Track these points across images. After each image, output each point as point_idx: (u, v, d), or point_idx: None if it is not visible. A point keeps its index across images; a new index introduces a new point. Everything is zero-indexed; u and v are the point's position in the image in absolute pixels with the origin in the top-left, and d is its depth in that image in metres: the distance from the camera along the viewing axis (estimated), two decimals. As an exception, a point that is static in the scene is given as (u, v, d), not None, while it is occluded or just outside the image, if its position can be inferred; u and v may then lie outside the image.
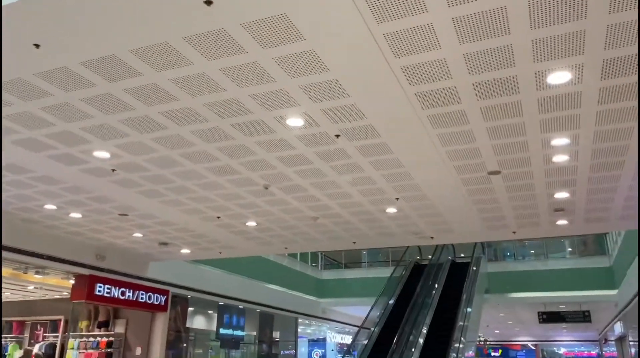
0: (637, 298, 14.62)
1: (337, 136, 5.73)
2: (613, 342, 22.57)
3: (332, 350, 25.91)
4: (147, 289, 12.72)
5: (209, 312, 18.00)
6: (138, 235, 10.21)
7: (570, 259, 20.03)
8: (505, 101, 4.90)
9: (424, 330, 14.70)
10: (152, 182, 7.25)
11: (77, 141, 5.91)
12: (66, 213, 8.73)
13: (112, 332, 13.26)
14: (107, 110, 5.21)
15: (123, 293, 11.90)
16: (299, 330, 23.50)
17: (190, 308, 18.33)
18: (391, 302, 17.42)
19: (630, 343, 17.43)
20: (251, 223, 9.39)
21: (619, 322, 18.92)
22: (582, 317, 19.12)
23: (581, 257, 19.95)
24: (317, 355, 28.22)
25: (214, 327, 16.73)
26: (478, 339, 27.26)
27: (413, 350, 13.91)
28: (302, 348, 28.78)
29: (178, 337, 14.41)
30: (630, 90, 4.67)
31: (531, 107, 4.99)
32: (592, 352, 34.53)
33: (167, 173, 6.90)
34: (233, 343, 19.09)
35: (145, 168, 6.73)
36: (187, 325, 15.44)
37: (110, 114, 5.27)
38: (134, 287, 12.30)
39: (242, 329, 17.81)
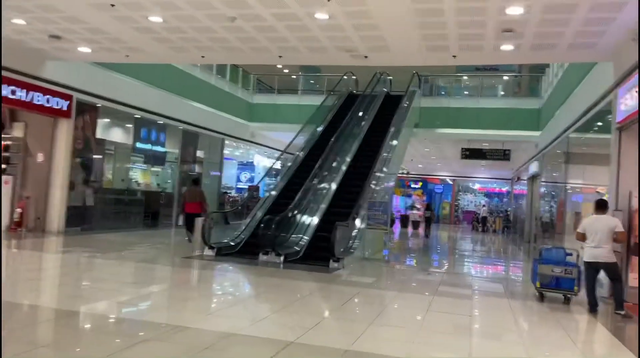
0: (556, 140, 14.92)
1: None
2: (525, 181, 24.02)
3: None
4: (44, 91, 11.27)
5: (126, 124, 16.89)
6: (20, 22, 8.48)
7: (502, 99, 20.02)
8: None
9: (348, 159, 14.52)
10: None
11: None
12: None
13: (9, 136, 12.03)
14: None
15: (14, 92, 10.43)
16: (226, 152, 23.17)
17: (106, 120, 17.10)
18: (320, 129, 16.95)
19: (542, 183, 18.38)
20: (156, 19, 7.90)
21: (535, 162, 19.76)
22: (502, 155, 19.78)
23: (513, 98, 19.93)
24: (245, 177, 28.56)
25: (131, 141, 15.80)
26: (400, 171, 28.29)
27: (335, 175, 13.80)
28: (232, 171, 28.90)
29: (87, 147, 13.40)
30: None
31: None
32: (502, 189, 37.34)
33: None
34: (157, 159, 18.45)
35: None
36: (99, 135, 14.38)
37: None
38: (28, 87, 10.80)
39: (163, 145, 17.02)
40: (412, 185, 37.89)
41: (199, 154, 19.61)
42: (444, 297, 7.58)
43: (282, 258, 10.00)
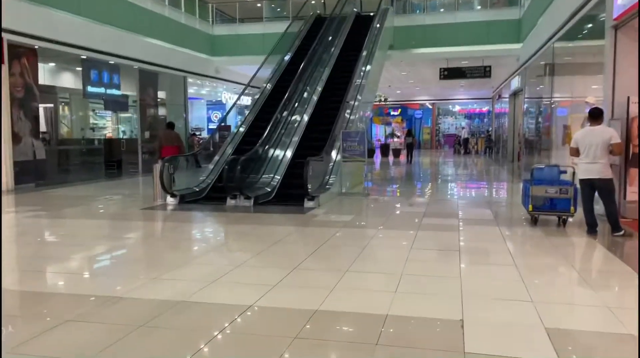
0: (539, 51, 13.93)
1: None
2: (507, 98, 23.16)
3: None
4: (-37, 34, 9.83)
5: (74, 68, 15.43)
6: None
7: (479, 12, 18.70)
8: None
9: (319, 88, 13.41)
10: None
11: None
12: None
13: None
14: None
15: None
16: (191, 91, 21.76)
17: (51, 64, 15.63)
18: (287, 58, 15.67)
19: (525, 99, 17.52)
20: None
21: (517, 77, 18.82)
22: (482, 72, 18.75)
23: (491, 9, 18.64)
24: (215, 116, 27.24)
25: (80, 85, 14.41)
26: (377, 99, 27.17)
27: (306, 107, 12.75)
28: (201, 111, 27.52)
29: (29, 95, 12.06)
30: None
31: None
32: (483, 109, 36.55)
33: None
34: (119, 104, 17.13)
35: None
36: (44, 82, 13.02)
37: None
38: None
39: (118, 88, 15.63)
40: (392, 113, 36.90)
41: (161, 95, 18.26)
42: (429, 230, 6.86)
43: (251, 201, 9.15)
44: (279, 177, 10.26)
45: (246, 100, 23.67)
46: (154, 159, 16.07)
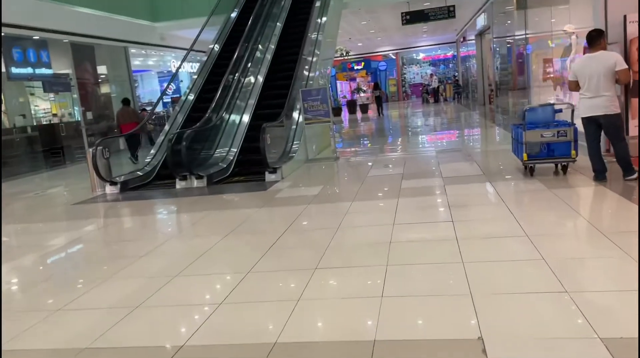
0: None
1: None
2: (473, 40, 22.05)
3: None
4: None
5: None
6: None
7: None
8: None
9: (272, 46, 12.04)
10: None
11: None
12: None
13: None
14: None
15: None
16: (137, 63, 19.98)
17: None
18: (233, 15, 14.15)
19: (494, 38, 16.41)
20: None
21: (482, 14, 17.65)
22: (446, 13, 17.44)
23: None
24: (170, 89, 25.45)
25: (2, 67, 12.67)
26: (340, 53, 25.72)
27: (259, 66, 11.40)
28: (153, 84, 25.66)
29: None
30: None
31: None
32: (447, 54, 35.40)
33: None
34: (59, 84, 15.44)
35: None
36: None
37: None
38: None
39: (48, 66, 13.91)
40: (355, 67, 35.46)
41: (101, 70, 16.56)
42: (412, 196, 5.80)
43: (204, 180, 7.93)
44: (235, 150, 9.01)
45: (196, 68, 22.03)
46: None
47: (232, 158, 8.81)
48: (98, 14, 15.45)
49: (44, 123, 14.73)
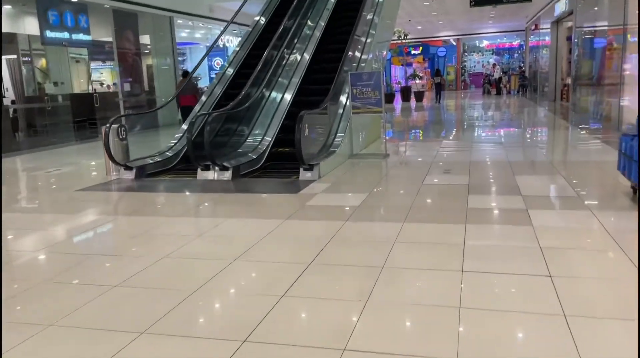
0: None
1: None
2: (546, 29, 19.91)
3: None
4: None
5: (25, 8, 12.86)
6: None
7: None
8: None
9: (322, 23, 10.70)
10: None
11: None
12: None
13: None
14: None
15: None
16: (183, 35, 19.09)
17: (7, 6, 13.14)
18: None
19: (578, 28, 14.41)
20: None
21: (564, -1, 15.63)
22: (522, -5, 15.58)
23: None
24: (217, 63, 24.57)
25: (37, 30, 11.90)
26: (397, 36, 23.86)
27: (307, 44, 10.10)
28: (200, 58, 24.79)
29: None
30: None
31: None
32: (513, 43, 32.90)
33: None
34: (102, 53, 14.78)
35: None
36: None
37: None
38: None
39: (87, 32, 13.08)
40: (412, 52, 33.50)
41: (144, 40, 15.69)
42: (483, 223, 4.40)
43: (229, 173, 6.76)
44: (269, 139, 7.79)
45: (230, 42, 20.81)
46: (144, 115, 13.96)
47: (264, 148, 7.60)
48: (143, -21, 14.54)
49: (78, 92, 14.00)
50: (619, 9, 10.00)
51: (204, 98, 9.08)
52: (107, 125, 6.99)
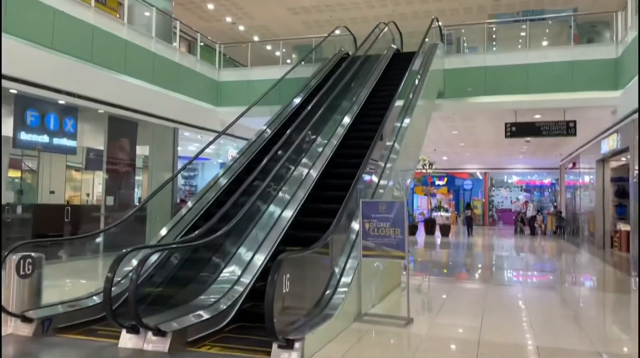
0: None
1: None
2: (585, 168, 18.10)
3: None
4: None
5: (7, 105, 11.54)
6: None
7: (560, 49, 14.09)
8: None
9: (335, 141, 9.00)
10: None
11: None
12: None
13: None
14: None
15: None
16: (192, 149, 17.77)
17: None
18: (297, 101, 11.55)
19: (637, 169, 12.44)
20: None
21: (612, 135, 13.87)
22: (565, 129, 13.85)
23: (577, 45, 14.05)
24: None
25: (9, 131, 10.40)
26: (422, 164, 22.23)
27: (315, 160, 8.25)
28: (212, 174, 23.51)
29: None
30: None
31: None
32: (544, 181, 31.20)
33: None
34: (95, 162, 13.34)
35: None
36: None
37: None
38: None
39: (72, 137, 11.57)
40: (436, 182, 31.98)
41: (141, 150, 14.22)
42: None
43: (167, 339, 4.41)
44: (240, 289, 5.48)
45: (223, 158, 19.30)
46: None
47: (232, 301, 5.26)
48: (148, 87, 13.40)
49: (46, 203, 12.19)
50: None
51: (165, 230, 6.98)
52: (5, 254, 4.85)
